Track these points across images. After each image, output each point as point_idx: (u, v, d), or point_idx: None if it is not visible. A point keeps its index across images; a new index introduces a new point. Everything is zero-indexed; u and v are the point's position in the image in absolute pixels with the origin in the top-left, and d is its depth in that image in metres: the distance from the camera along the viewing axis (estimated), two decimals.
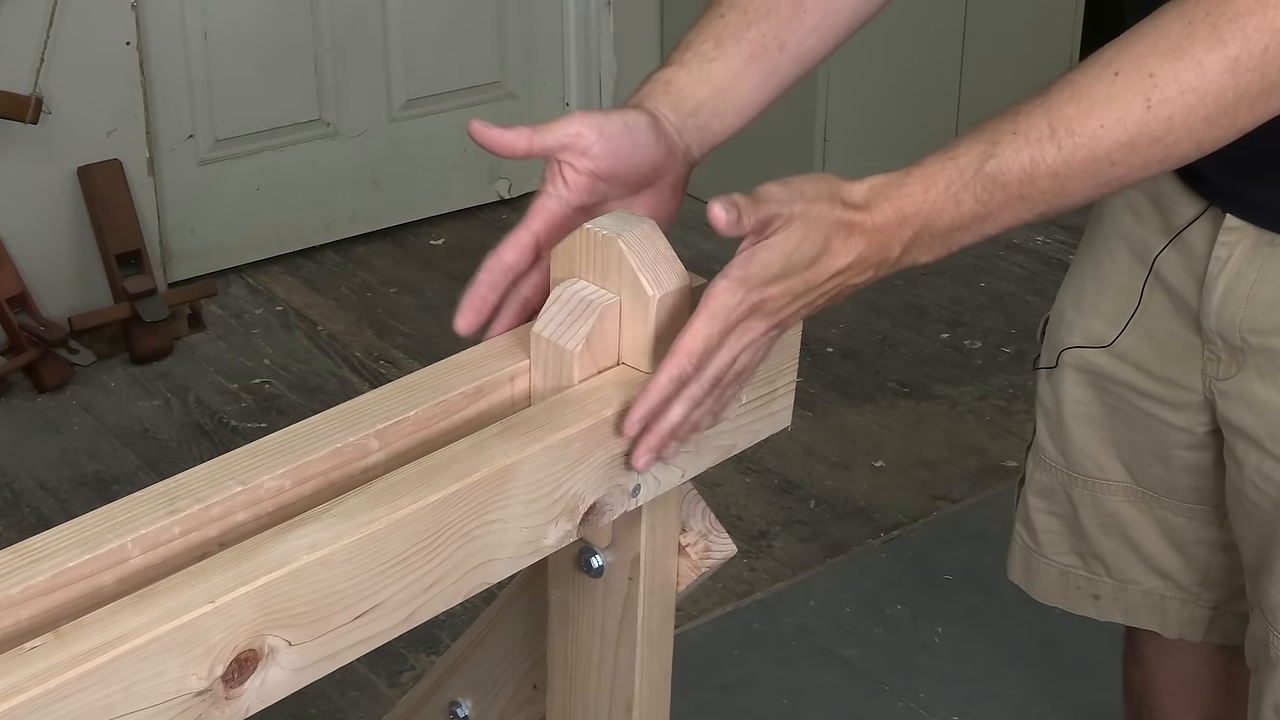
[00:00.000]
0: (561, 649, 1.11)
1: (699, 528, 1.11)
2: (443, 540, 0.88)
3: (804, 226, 0.93)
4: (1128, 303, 1.34)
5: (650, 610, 1.07)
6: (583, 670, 1.10)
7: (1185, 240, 1.28)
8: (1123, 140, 0.94)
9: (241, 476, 0.88)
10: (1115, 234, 1.36)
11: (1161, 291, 1.32)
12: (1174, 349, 1.32)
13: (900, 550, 2.55)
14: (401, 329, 3.17)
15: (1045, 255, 3.44)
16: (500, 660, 1.19)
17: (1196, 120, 0.94)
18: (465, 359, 1.01)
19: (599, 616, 1.08)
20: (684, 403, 0.95)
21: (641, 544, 1.04)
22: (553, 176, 1.03)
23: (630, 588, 1.05)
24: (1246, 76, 0.93)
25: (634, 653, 1.07)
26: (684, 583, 1.11)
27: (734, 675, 2.28)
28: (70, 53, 2.94)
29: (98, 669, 0.74)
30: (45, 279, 3.02)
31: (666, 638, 1.10)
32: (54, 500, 2.64)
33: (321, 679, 0.85)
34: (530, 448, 0.91)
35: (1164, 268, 1.31)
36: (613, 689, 1.09)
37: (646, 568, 1.05)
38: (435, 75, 3.49)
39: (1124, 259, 1.35)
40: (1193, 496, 1.39)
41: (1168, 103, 0.93)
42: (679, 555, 1.09)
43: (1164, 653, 1.53)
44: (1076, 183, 0.96)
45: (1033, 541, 1.50)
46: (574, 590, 1.08)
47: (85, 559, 0.82)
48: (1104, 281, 1.37)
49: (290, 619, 0.81)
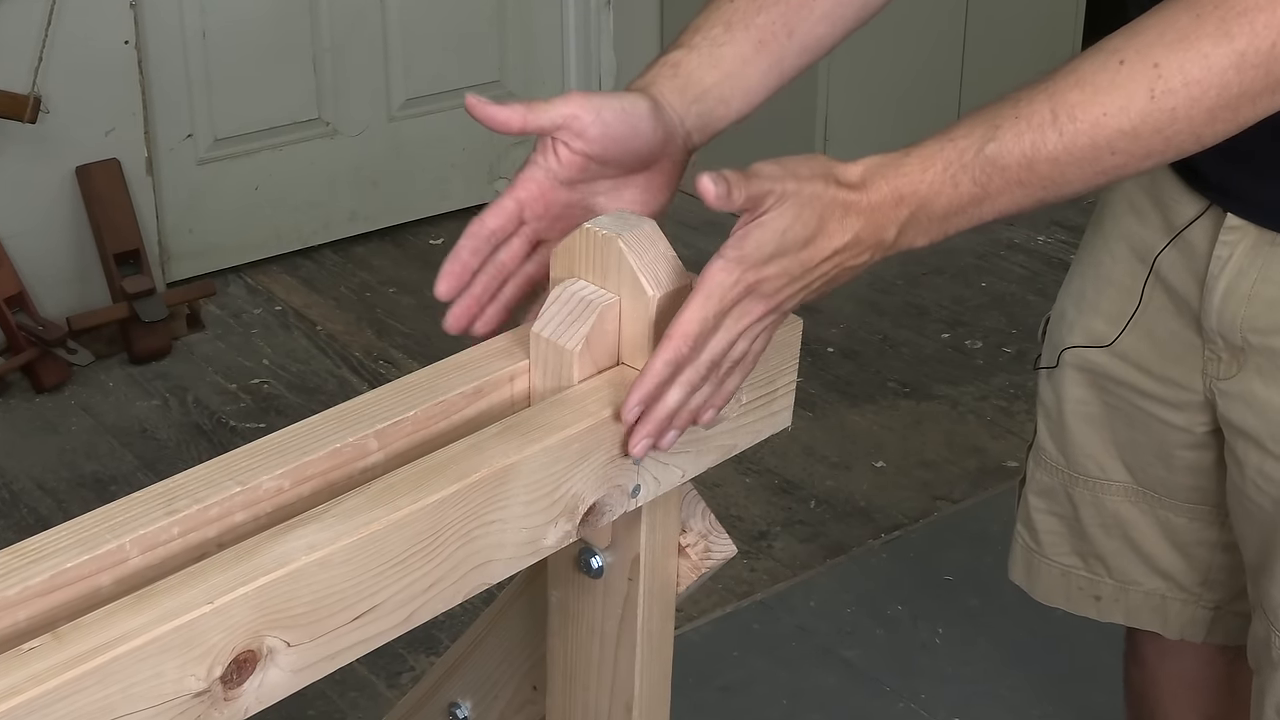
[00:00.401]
0: (561, 650, 1.11)
1: (699, 528, 1.11)
2: (442, 541, 0.88)
3: (797, 205, 0.93)
4: (1128, 302, 1.34)
5: (650, 611, 1.07)
6: (582, 671, 1.10)
7: (1186, 239, 1.28)
8: (1125, 129, 0.94)
9: (240, 477, 0.88)
10: (1116, 234, 1.36)
11: (1162, 291, 1.32)
12: (1174, 349, 1.32)
13: (901, 551, 2.55)
14: (401, 329, 3.17)
15: (1046, 255, 3.44)
16: (500, 661, 1.19)
17: (1199, 113, 0.94)
18: (464, 359, 1.01)
19: (599, 617, 1.08)
20: (681, 387, 0.94)
21: (641, 544, 1.04)
22: (544, 149, 1.02)
23: (630, 588, 1.05)
24: (1251, 72, 0.93)
25: (634, 653, 1.07)
26: (684, 583, 1.11)
27: (734, 676, 2.28)
28: (69, 52, 2.94)
29: (96, 670, 0.74)
30: (43, 279, 3.02)
31: (666, 638, 1.10)
32: (52, 501, 2.64)
33: (320, 680, 0.85)
34: (530, 448, 0.91)
35: (1165, 267, 1.31)
36: (613, 690, 1.09)
37: (646, 568, 1.05)
38: (435, 74, 3.49)
39: (1125, 258, 1.35)
40: (1194, 496, 1.39)
41: (1171, 94, 0.93)
42: (679, 556, 1.09)
43: (1165, 653, 1.53)
44: (1076, 170, 0.95)
45: (1034, 542, 1.50)
46: (573, 591, 1.08)
47: (83, 560, 0.82)
48: (1105, 281, 1.37)
49: (289, 620, 0.81)
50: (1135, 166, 0.97)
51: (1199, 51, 0.93)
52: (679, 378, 0.94)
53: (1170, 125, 0.94)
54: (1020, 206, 0.97)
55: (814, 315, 3.14)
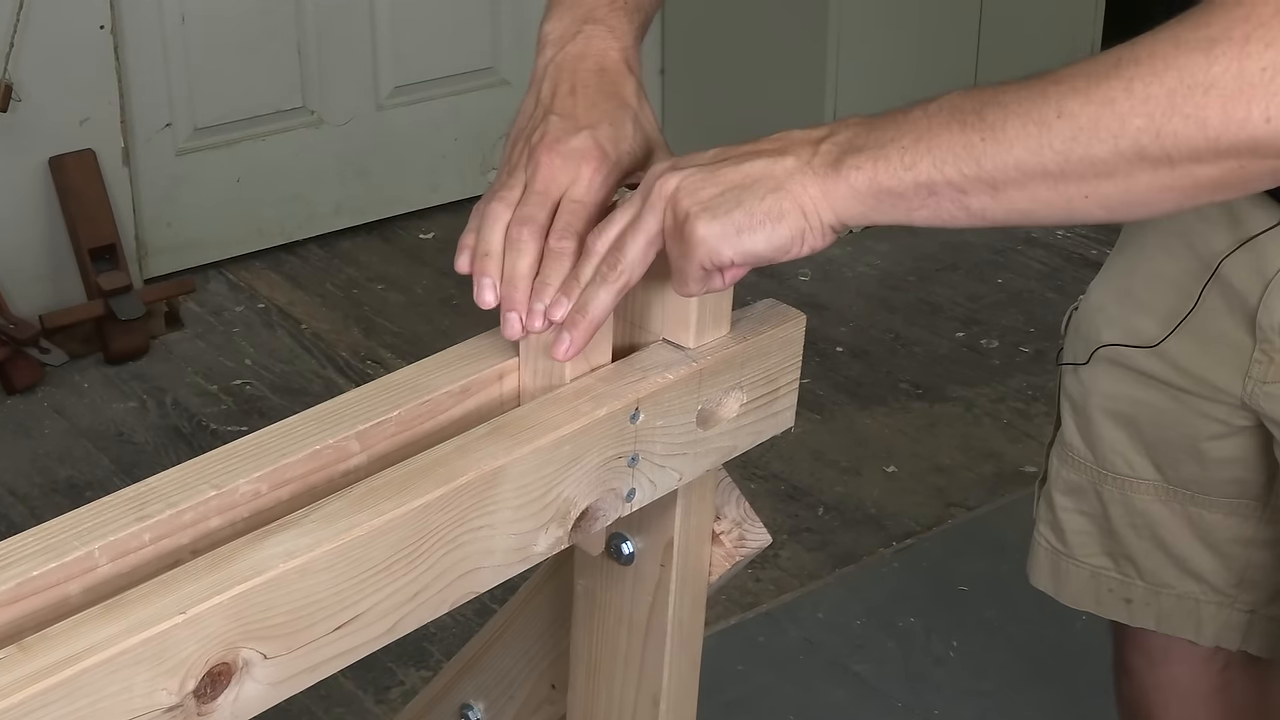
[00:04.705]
0: (586, 641, 1.11)
1: (734, 515, 1.11)
2: (427, 547, 0.88)
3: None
4: (1182, 302, 1.34)
5: (682, 599, 1.07)
6: (608, 663, 1.10)
7: (1257, 242, 1.28)
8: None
9: (215, 480, 0.88)
10: (1174, 229, 1.34)
11: (1219, 292, 1.32)
12: (1219, 350, 1.32)
13: (913, 560, 2.55)
14: (389, 327, 3.17)
15: (1066, 251, 3.44)
16: (518, 658, 1.19)
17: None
18: (451, 356, 1.01)
19: (627, 606, 1.08)
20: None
21: (675, 529, 1.04)
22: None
23: (662, 575, 1.05)
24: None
25: (663, 644, 1.07)
26: (716, 572, 1.11)
27: (739, 691, 2.28)
28: (41, 37, 2.94)
29: (62, 683, 0.74)
30: (15, 275, 3.02)
31: (697, 630, 1.10)
32: (24, 507, 2.64)
33: (304, 694, 0.85)
34: (519, 450, 0.91)
35: (1228, 268, 1.31)
36: (639, 683, 1.09)
37: (679, 554, 1.05)
38: (425, 61, 3.49)
39: (1183, 256, 1.34)
40: (1231, 490, 1.40)
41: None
42: (713, 543, 1.10)
43: (1154, 663, 1.54)
44: (1017, 126, 0.88)
45: (1060, 543, 1.50)
46: (602, 579, 1.08)
47: (50, 567, 0.82)
48: (1157, 277, 1.36)
49: (266, 630, 0.81)
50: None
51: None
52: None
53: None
54: (959, 171, 0.89)
55: (822, 313, 3.14)
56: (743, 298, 1.03)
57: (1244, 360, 1.31)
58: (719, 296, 1.00)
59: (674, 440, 1.00)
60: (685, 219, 0.93)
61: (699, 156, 0.96)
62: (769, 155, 0.94)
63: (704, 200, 0.93)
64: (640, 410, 0.97)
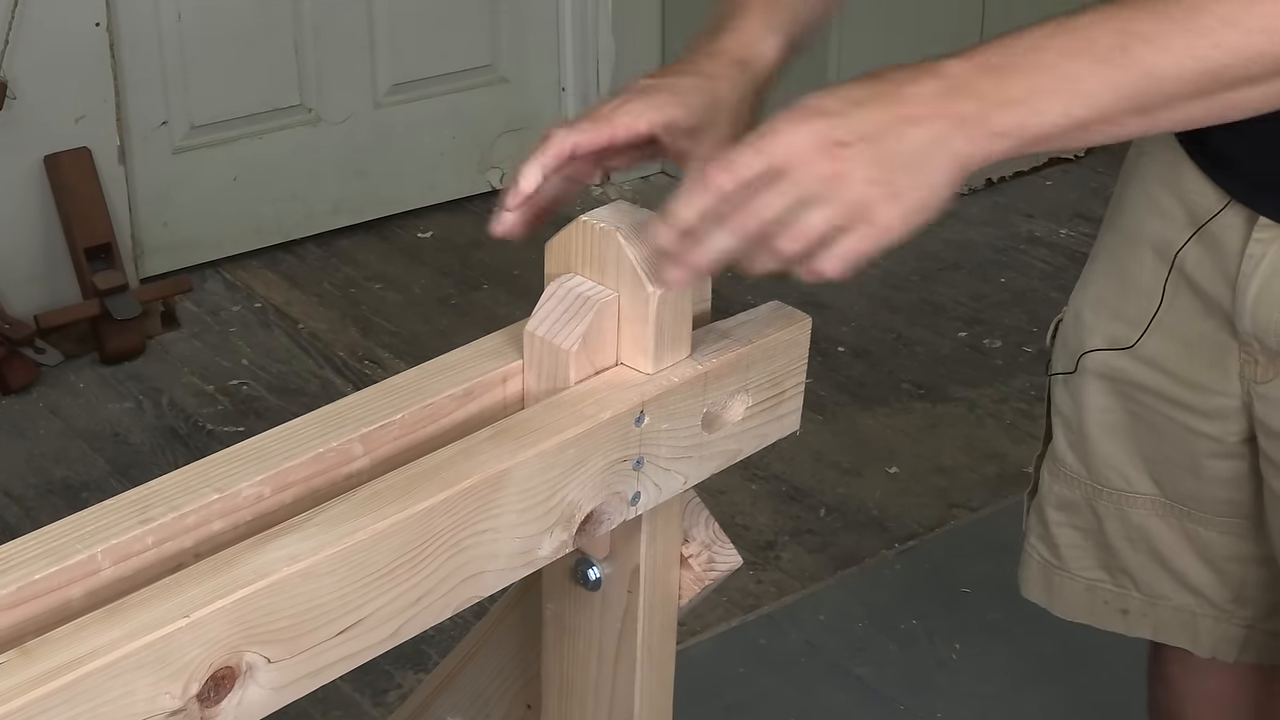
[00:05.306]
0: (556, 666, 1.11)
1: (702, 538, 1.11)
2: (430, 551, 0.88)
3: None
4: (1150, 303, 1.34)
5: (651, 625, 1.07)
6: (579, 689, 1.10)
7: (1213, 236, 1.28)
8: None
9: (218, 483, 0.89)
10: (1138, 233, 1.35)
11: (1188, 291, 1.32)
12: (1207, 351, 1.32)
13: (916, 562, 2.55)
14: (387, 327, 3.17)
15: (1070, 249, 3.44)
16: (492, 678, 1.19)
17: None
18: (454, 359, 1.01)
19: (596, 632, 1.08)
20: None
21: (641, 555, 1.04)
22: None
23: (630, 601, 1.05)
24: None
25: (633, 670, 1.07)
26: (686, 596, 1.11)
27: (739, 695, 2.28)
28: (36, 34, 2.94)
29: (64, 688, 0.74)
30: (10, 274, 3.02)
31: (668, 654, 1.10)
32: (20, 509, 2.64)
33: (303, 698, 0.85)
34: (523, 453, 0.92)
35: (1188, 264, 1.31)
36: (611, 709, 1.09)
37: (646, 580, 1.05)
38: (423, 58, 3.48)
39: (1147, 258, 1.35)
40: (1226, 509, 1.39)
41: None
42: (681, 567, 1.09)
43: (1193, 671, 1.53)
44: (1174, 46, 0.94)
45: (1054, 557, 1.49)
46: (570, 604, 1.08)
47: (53, 571, 0.82)
48: (1125, 282, 1.37)
49: (269, 634, 0.82)
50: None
51: None
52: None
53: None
54: (1096, 74, 0.95)
55: (824, 313, 3.14)
56: (745, 299, 1.03)
57: (1232, 359, 1.31)
58: (680, 319, 1.00)
59: (679, 444, 1.00)
60: (868, 205, 0.93)
61: (832, 115, 0.94)
62: (920, 121, 0.94)
63: (881, 181, 0.93)
64: (645, 413, 0.97)
